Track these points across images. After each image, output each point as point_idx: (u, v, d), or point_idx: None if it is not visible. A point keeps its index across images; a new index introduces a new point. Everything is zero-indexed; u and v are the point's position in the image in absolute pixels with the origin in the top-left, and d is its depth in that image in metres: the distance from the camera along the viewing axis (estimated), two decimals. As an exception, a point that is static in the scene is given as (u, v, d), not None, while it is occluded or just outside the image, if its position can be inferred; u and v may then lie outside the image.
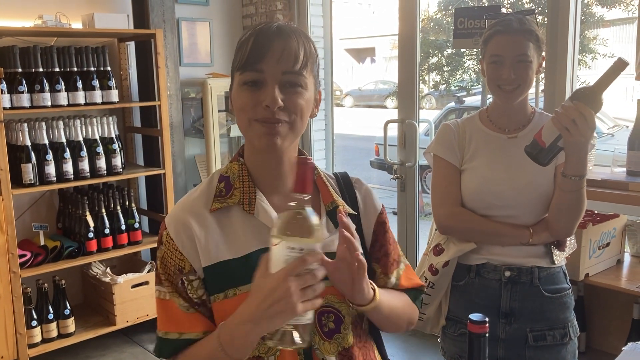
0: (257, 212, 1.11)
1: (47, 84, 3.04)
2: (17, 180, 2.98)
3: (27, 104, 2.99)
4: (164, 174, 3.51)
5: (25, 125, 3.01)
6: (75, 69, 3.16)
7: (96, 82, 3.21)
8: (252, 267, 0.96)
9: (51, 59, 3.08)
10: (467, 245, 1.76)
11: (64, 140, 3.13)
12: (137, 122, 3.78)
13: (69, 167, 3.13)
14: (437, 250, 1.82)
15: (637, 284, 2.59)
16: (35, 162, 3.02)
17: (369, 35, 21.98)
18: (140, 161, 3.82)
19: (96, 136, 3.25)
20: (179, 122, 3.76)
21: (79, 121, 3.20)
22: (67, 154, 3.12)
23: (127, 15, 3.56)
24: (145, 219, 3.83)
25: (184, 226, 1.09)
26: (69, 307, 3.23)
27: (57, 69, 3.10)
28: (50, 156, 3.06)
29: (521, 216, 1.72)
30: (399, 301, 1.21)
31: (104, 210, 3.33)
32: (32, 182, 3.02)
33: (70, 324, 3.24)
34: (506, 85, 1.68)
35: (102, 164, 3.24)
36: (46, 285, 3.17)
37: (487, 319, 1.00)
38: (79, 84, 3.15)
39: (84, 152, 3.18)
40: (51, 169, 3.07)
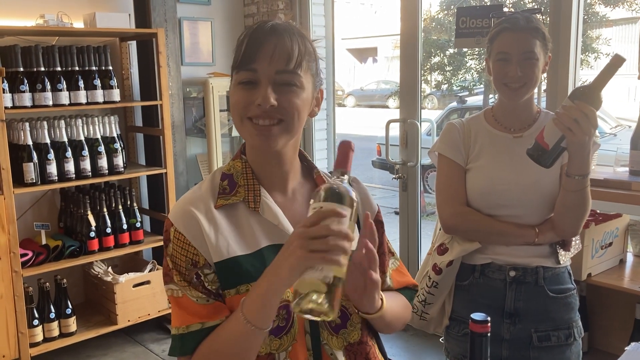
0: (263, 210, 1.11)
1: (48, 84, 3.03)
2: (18, 179, 2.98)
3: (28, 103, 2.99)
4: (166, 173, 3.51)
5: (26, 124, 3.01)
6: (76, 69, 3.16)
7: (98, 82, 3.21)
8: (264, 263, 0.97)
9: (53, 58, 3.08)
10: (472, 244, 1.74)
11: (65, 139, 3.13)
12: (138, 121, 3.78)
13: (70, 166, 3.12)
14: (441, 249, 1.81)
15: (639, 284, 2.58)
16: (36, 161, 3.02)
17: (370, 35, 21.95)
18: (141, 160, 3.82)
19: (98, 135, 3.25)
20: (180, 121, 3.77)
21: (80, 120, 3.20)
22: (69, 153, 3.12)
23: (129, 14, 3.56)
24: (146, 219, 3.83)
25: (192, 220, 1.08)
26: (70, 306, 3.23)
27: (58, 69, 3.09)
28: (51, 155, 3.06)
29: (526, 216, 1.71)
30: (398, 306, 1.22)
31: (105, 209, 3.33)
32: (34, 181, 3.02)
33: (71, 323, 3.23)
34: (512, 82, 1.67)
35: (103, 163, 3.24)
36: (48, 284, 3.17)
37: (489, 319, 1.00)
38: (81, 84, 3.15)
39: (86, 152, 3.18)
40: (53, 168, 3.07)
